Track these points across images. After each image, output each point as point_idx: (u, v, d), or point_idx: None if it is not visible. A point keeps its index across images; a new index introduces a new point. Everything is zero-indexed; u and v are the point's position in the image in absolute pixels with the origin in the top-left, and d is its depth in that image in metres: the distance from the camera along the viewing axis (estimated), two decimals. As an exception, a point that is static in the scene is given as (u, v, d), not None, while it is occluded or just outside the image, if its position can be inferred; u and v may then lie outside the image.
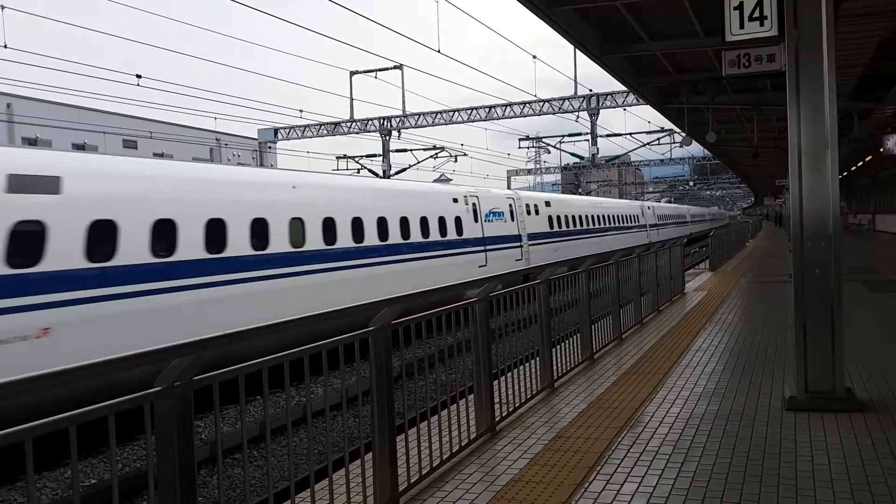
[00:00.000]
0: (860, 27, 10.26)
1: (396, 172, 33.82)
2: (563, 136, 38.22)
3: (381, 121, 32.97)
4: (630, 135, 36.77)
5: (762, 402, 5.81)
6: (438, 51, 21.34)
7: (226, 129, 41.78)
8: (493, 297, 5.44)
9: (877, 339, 8.35)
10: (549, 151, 50.92)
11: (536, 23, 11.08)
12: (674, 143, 38.51)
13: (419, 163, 35.49)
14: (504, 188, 26.35)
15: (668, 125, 31.37)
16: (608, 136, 36.19)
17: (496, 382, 5.49)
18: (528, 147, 51.26)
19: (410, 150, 35.32)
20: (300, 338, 3.77)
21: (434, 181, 29.52)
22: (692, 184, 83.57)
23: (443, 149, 35.01)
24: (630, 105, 28.73)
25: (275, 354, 3.28)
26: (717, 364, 7.40)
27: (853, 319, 8.15)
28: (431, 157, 35.36)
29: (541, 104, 30.16)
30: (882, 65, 13.04)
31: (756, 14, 5.72)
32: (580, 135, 35.75)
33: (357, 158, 36.00)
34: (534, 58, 28.53)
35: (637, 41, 12.75)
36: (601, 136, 32.77)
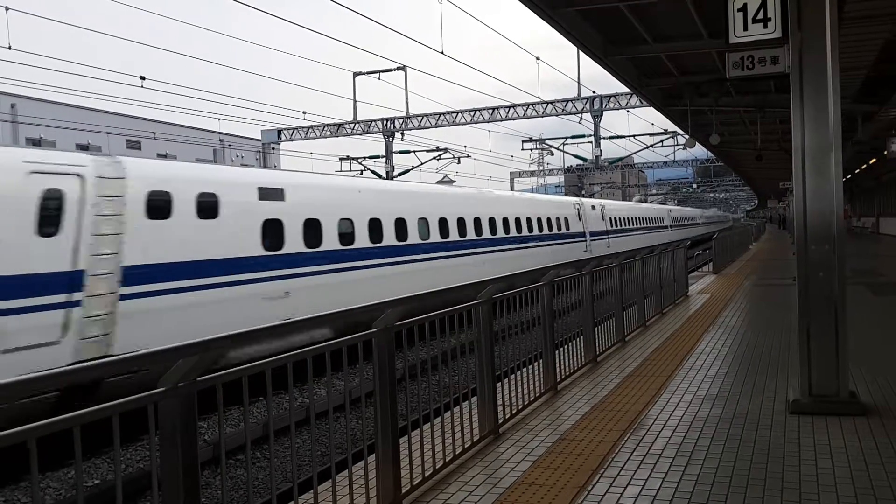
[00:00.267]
0: (864, 29, 10.24)
1: (400, 174, 33.81)
2: (567, 138, 38.16)
3: (385, 122, 32.94)
4: (633, 137, 36.70)
5: (766, 406, 5.80)
6: (442, 52, 21.34)
7: (229, 130, 41.85)
8: (497, 300, 5.44)
9: (881, 343, 8.34)
10: (553, 153, 51.08)
11: (540, 24, 11.05)
12: (677, 146, 38.48)
13: (422, 164, 35.52)
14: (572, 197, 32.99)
15: (672, 127, 31.37)
16: (611, 138, 36.09)
17: (499, 385, 5.49)
18: (532, 149, 51.26)
19: (414, 152, 35.34)
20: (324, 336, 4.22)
21: (437, 182, 29.63)
22: (695, 186, 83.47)
23: (446, 150, 35.02)
24: (633, 107, 28.67)
25: (279, 356, 3.28)
26: (721, 367, 7.38)
27: (857, 323, 8.12)
28: (435, 159, 35.39)
29: (544, 106, 30.11)
30: (886, 67, 13.01)
31: (760, 16, 5.71)
32: (583, 136, 35.73)
33: (360, 160, 36.04)
34: (537, 59, 28.56)
35: (640, 43, 12.73)
36: (604, 138, 32.65)
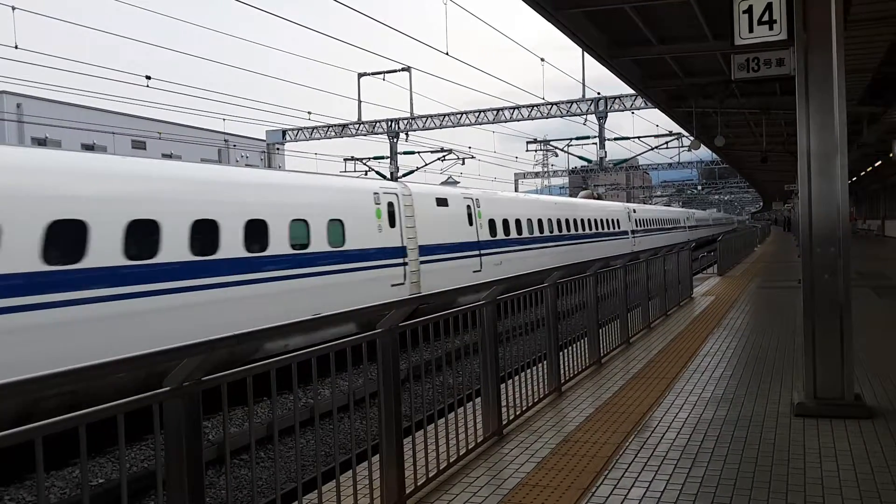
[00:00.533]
0: (870, 31, 10.20)
1: (404, 175, 33.82)
2: (571, 139, 38.12)
3: (389, 123, 32.94)
4: (638, 138, 36.62)
5: (770, 408, 5.79)
6: (447, 53, 21.37)
7: (234, 131, 41.92)
8: (501, 301, 5.44)
9: (886, 346, 8.31)
10: (557, 154, 50.93)
11: (545, 25, 11.04)
12: (682, 147, 38.37)
13: (427, 165, 35.51)
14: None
15: (677, 129, 31.33)
16: (616, 140, 35.99)
17: (503, 386, 5.49)
18: (536, 150, 51.14)
19: (418, 153, 35.32)
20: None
21: (441, 184, 29.64)
22: (700, 188, 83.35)
23: (450, 151, 35.00)
24: (638, 108, 28.60)
25: (282, 356, 3.29)
26: (726, 369, 7.37)
27: (862, 325, 8.11)
28: (439, 160, 35.36)
29: (549, 107, 30.08)
30: (892, 69, 12.95)
31: (765, 18, 5.70)
32: (588, 138, 35.67)
33: (365, 160, 36.05)
34: (542, 60, 28.54)
35: (645, 44, 12.73)
36: (609, 140, 32.64)
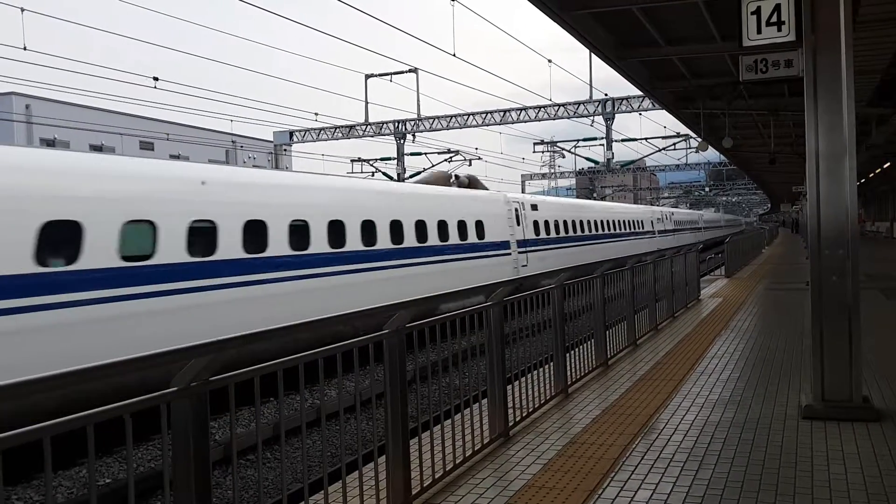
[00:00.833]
0: (879, 32, 10.16)
1: (411, 176, 33.85)
2: (578, 141, 38.14)
3: (396, 124, 32.98)
4: (645, 139, 36.58)
5: (778, 411, 5.77)
6: (454, 54, 21.35)
7: (241, 132, 42.04)
8: (507, 302, 5.43)
9: (894, 348, 8.27)
10: (564, 156, 51.02)
11: (552, 26, 11.04)
12: (690, 149, 38.29)
13: (434, 166, 35.51)
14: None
15: (685, 130, 31.25)
16: (623, 141, 35.95)
17: (510, 387, 5.48)
18: (543, 151, 51.27)
19: (425, 154, 35.34)
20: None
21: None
22: (708, 189, 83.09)
23: (457, 152, 34.99)
24: (645, 110, 28.56)
25: (290, 356, 3.29)
26: (733, 371, 7.35)
27: (870, 328, 8.07)
28: (446, 161, 35.35)
29: (556, 108, 30.06)
30: (901, 71, 12.91)
31: (773, 19, 5.67)
32: (595, 139, 35.68)
33: (372, 161, 36.10)
34: (549, 62, 28.49)
35: (653, 45, 12.70)
36: (616, 141, 32.55)
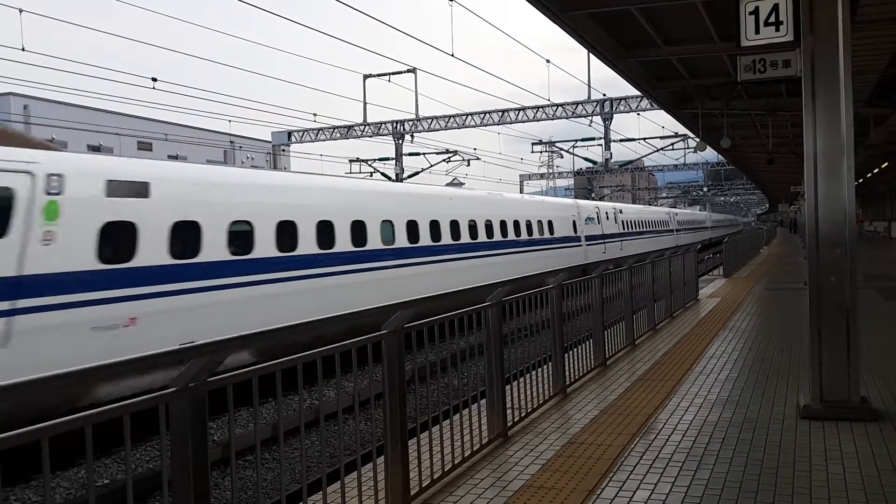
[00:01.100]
0: (877, 33, 10.18)
1: (409, 176, 33.86)
2: (577, 141, 38.10)
3: (394, 124, 32.97)
4: (644, 139, 36.60)
5: (776, 411, 5.78)
6: (452, 54, 21.35)
7: (240, 132, 42.00)
8: (506, 302, 5.44)
9: (892, 348, 8.27)
10: (562, 156, 50.97)
11: (550, 27, 11.05)
12: (688, 149, 38.32)
13: (432, 166, 35.54)
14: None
15: (683, 130, 31.26)
16: (622, 141, 35.95)
17: (508, 387, 5.48)
18: (541, 151, 51.22)
19: (423, 154, 35.36)
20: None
21: (446, 185, 29.68)
22: (706, 189, 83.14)
23: (455, 152, 35.03)
24: (644, 110, 28.60)
25: (288, 357, 3.29)
26: (731, 371, 7.35)
27: (868, 328, 8.08)
28: (444, 161, 35.39)
29: (554, 108, 30.06)
30: (899, 71, 12.92)
31: (772, 19, 5.68)
32: (593, 139, 35.63)
33: (370, 162, 36.09)
34: (547, 62, 28.50)
35: (651, 46, 12.71)
36: (615, 141, 32.58)
